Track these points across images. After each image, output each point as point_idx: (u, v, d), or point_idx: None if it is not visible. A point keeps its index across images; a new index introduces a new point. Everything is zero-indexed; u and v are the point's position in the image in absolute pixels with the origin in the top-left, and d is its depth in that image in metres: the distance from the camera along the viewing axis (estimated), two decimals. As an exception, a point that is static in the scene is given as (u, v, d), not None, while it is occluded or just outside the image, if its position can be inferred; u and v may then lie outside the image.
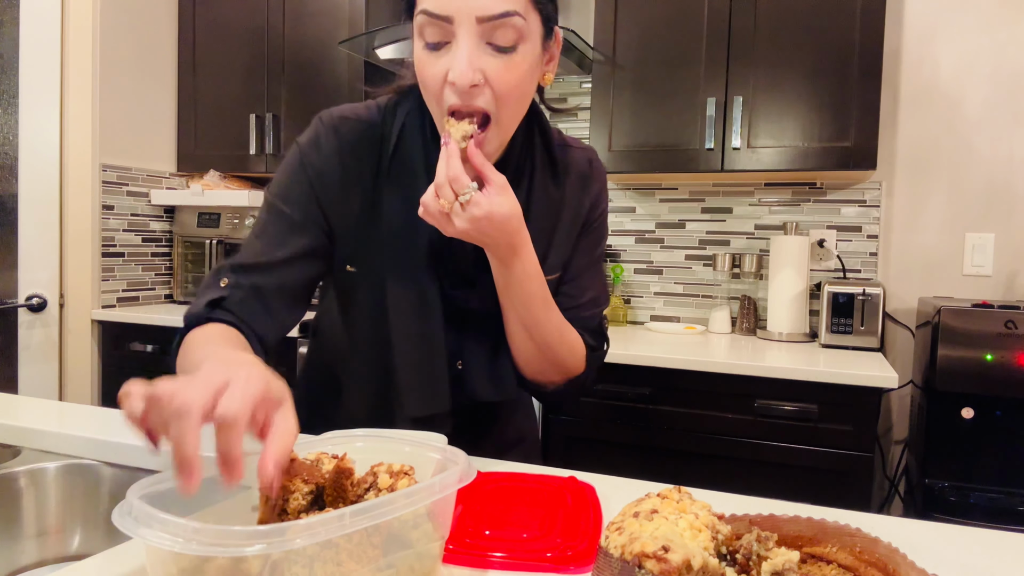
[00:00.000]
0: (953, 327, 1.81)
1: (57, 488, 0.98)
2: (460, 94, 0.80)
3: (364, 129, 0.94)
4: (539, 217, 0.95)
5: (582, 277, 1.03)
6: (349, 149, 0.93)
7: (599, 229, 1.05)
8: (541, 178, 0.96)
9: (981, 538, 0.73)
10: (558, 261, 1.00)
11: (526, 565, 0.65)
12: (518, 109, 0.85)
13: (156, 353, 2.48)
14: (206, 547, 0.46)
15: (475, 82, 0.79)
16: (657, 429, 1.94)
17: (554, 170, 0.98)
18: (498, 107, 0.82)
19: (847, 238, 2.38)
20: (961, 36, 2.24)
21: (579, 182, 1.01)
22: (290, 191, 0.93)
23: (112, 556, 0.65)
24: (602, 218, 1.06)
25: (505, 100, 0.82)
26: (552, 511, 0.75)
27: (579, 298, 1.02)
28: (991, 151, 2.23)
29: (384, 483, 0.58)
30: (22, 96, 2.45)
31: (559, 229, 0.99)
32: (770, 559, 0.47)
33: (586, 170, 1.02)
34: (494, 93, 0.81)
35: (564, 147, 1.01)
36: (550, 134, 0.99)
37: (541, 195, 0.96)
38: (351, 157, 0.93)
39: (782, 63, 2.09)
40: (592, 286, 1.04)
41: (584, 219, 1.02)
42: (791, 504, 0.79)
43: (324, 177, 0.92)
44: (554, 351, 0.96)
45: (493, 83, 0.81)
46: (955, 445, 1.84)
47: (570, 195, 1.00)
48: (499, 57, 0.81)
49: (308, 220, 0.92)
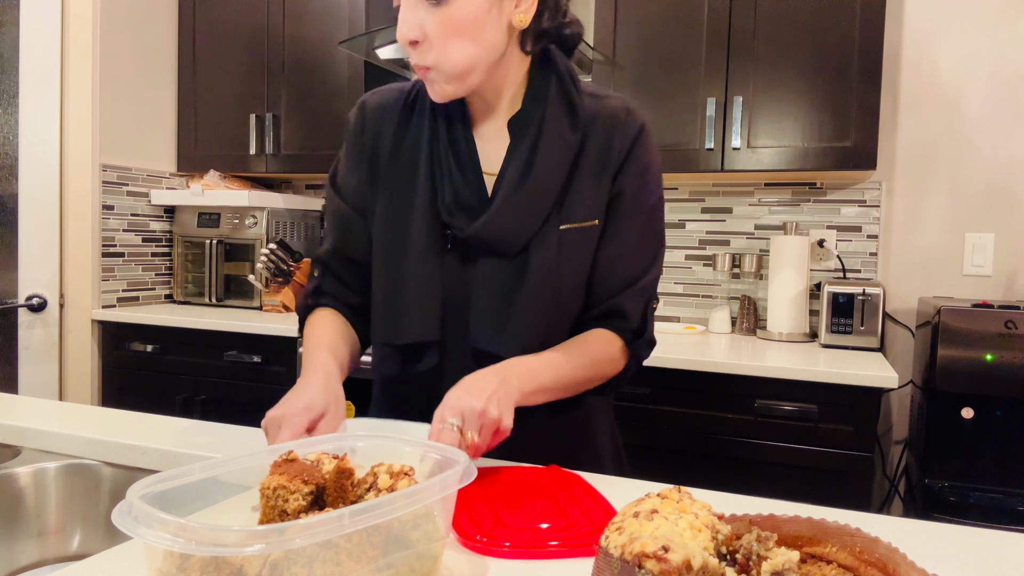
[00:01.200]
0: (953, 327, 1.81)
1: (57, 488, 0.98)
2: (410, 53, 0.88)
3: (395, 92, 1.04)
4: (549, 162, 0.95)
5: (621, 232, 0.99)
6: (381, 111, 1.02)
7: (641, 177, 1.00)
8: (555, 123, 0.96)
9: (981, 538, 0.73)
10: (587, 208, 0.97)
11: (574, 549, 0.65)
12: (465, 53, 0.88)
13: (156, 353, 2.48)
14: (206, 547, 0.46)
15: (412, 39, 0.86)
16: (657, 429, 1.94)
17: (573, 116, 0.97)
18: (439, 57, 0.88)
19: (847, 238, 2.38)
20: (961, 36, 2.24)
21: (608, 128, 0.98)
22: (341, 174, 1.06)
23: (112, 556, 0.65)
24: (645, 167, 1.00)
25: (446, 51, 0.87)
26: (561, 499, 0.75)
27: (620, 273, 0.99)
28: (991, 151, 2.23)
29: (384, 483, 0.58)
30: (22, 96, 2.46)
31: (580, 175, 0.97)
32: (770, 559, 0.47)
33: (621, 117, 0.99)
34: (434, 48, 0.87)
35: (596, 97, 1.00)
36: (568, 81, 0.98)
37: (553, 140, 0.95)
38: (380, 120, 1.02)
39: (782, 63, 2.09)
40: (634, 249, 1.00)
41: (618, 164, 0.98)
42: (791, 504, 0.79)
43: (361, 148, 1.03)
44: (589, 383, 1.00)
45: (431, 38, 0.86)
46: (955, 445, 1.84)
47: (594, 141, 0.98)
48: (433, 11, 0.86)
49: (358, 198, 1.04)
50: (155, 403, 2.47)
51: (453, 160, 0.96)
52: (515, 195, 0.94)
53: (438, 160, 0.97)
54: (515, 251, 0.95)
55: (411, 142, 0.99)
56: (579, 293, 1.00)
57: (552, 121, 0.95)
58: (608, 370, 1.00)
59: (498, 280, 0.96)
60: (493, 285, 0.96)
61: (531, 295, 0.94)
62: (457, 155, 0.97)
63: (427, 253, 0.96)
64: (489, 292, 0.96)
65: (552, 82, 0.97)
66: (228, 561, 0.48)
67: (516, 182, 0.94)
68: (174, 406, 2.43)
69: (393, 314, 0.98)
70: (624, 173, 0.99)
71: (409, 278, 0.97)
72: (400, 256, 0.98)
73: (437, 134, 0.98)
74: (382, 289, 1.00)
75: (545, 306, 0.96)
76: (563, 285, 0.97)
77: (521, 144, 0.95)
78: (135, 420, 1.10)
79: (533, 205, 0.94)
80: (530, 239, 0.95)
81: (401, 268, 0.97)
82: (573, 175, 0.97)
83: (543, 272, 0.95)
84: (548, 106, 0.96)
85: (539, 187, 0.94)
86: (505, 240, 0.95)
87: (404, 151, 0.99)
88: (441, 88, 0.91)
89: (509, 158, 0.96)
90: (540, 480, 0.85)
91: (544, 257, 0.95)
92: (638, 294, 1.00)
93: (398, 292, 0.98)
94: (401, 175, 0.99)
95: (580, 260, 0.98)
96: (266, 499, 0.57)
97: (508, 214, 0.94)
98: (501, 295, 0.96)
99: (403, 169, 0.99)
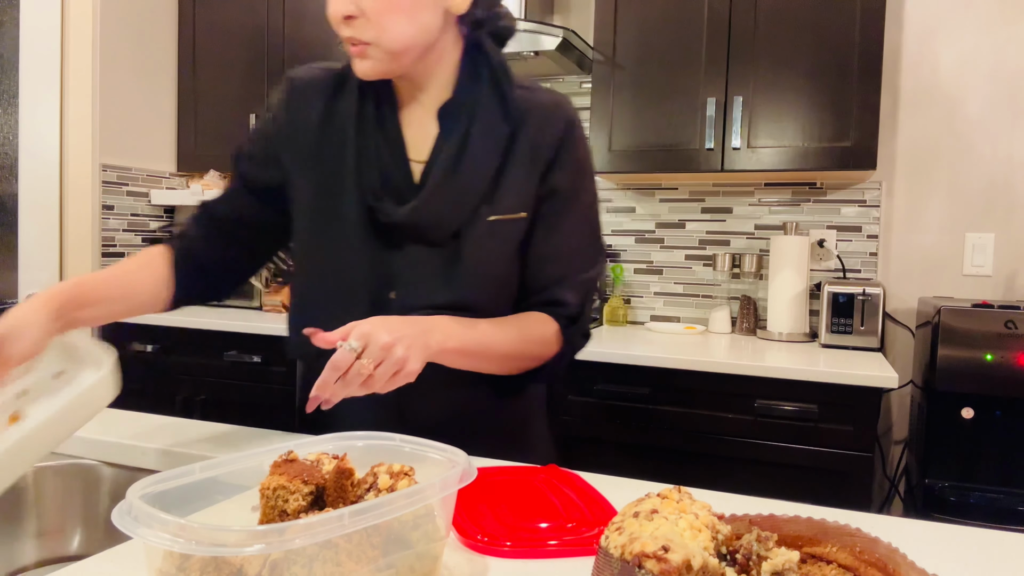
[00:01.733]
0: (953, 327, 1.81)
1: (57, 488, 0.98)
2: (343, 28, 0.88)
3: (323, 70, 1.01)
4: (481, 153, 0.95)
5: (561, 230, 1.00)
6: (309, 89, 1.00)
7: (576, 173, 1.01)
8: (486, 114, 0.96)
9: (981, 538, 0.73)
10: (516, 200, 0.98)
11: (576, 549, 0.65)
12: (402, 30, 0.88)
13: (156, 353, 2.48)
14: (206, 547, 0.46)
15: (345, 14, 0.86)
16: (657, 429, 1.94)
17: (504, 107, 0.96)
18: (377, 34, 0.87)
19: (847, 238, 2.38)
20: (961, 36, 2.24)
21: (539, 122, 0.98)
22: (247, 145, 1.05)
23: (112, 556, 0.65)
24: (579, 163, 1.02)
25: (383, 27, 0.87)
26: (560, 498, 0.75)
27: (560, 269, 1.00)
28: (991, 151, 2.23)
29: (384, 484, 0.58)
30: (22, 96, 2.45)
31: (510, 166, 0.97)
32: (770, 559, 0.47)
33: (551, 111, 0.99)
34: (371, 23, 0.87)
35: (527, 89, 1.00)
36: (500, 72, 0.97)
37: (485, 130, 0.95)
38: (308, 97, 1.00)
39: (782, 63, 2.09)
40: (575, 247, 1.02)
41: (549, 159, 0.99)
42: (791, 504, 0.79)
43: (280, 125, 1.01)
44: (518, 360, 0.98)
45: (366, 13, 0.86)
46: (955, 445, 1.84)
47: (526, 133, 0.98)
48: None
49: (256, 171, 1.03)
50: (155, 403, 2.47)
51: (380, 142, 0.96)
52: (446, 183, 0.94)
53: (364, 141, 0.96)
54: (442, 239, 0.95)
55: (339, 122, 0.98)
56: (508, 284, 1.01)
57: (484, 111, 0.95)
58: (539, 351, 0.99)
59: (428, 268, 0.96)
60: (422, 273, 0.96)
61: (464, 285, 0.95)
62: (384, 137, 0.96)
63: (357, 238, 0.96)
64: (418, 280, 0.96)
65: (484, 72, 0.97)
66: (228, 561, 0.48)
67: (447, 170, 0.94)
68: (174, 406, 2.43)
69: (319, 299, 0.98)
70: (558, 169, 0.99)
71: (338, 263, 0.96)
72: (328, 240, 0.97)
73: (365, 114, 0.97)
74: (308, 274, 0.99)
75: (477, 296, 0.96)
76: (494, 275, 0.98)
77: (452, 133, 0.95)
78: (135, 420, 1.10)
79: (464, 194, 0.94)
80: (459, 228, 0.95)
81: (330, 253, 0.97)
82: (504, 166, 0.97)
83: (475, 262, 0.95)
84: (480, 96, 0.96)
85: (470, 176, 0.94)
86: (434, 228, 0.94)
87: (332, 131, 0.98)
88: (374, 65, 0.90)
89: (440, 146, 0.95)
90: (540, 480, 0.85)
91: (476, 247, 0.95)
92: (579, 287, 1.02)
93: (326, 277, 0.97)
94: (329, 155, 0.97)
95: (508, 251, 0.99)
96: (266, 499, 0.57)
97: (438, 201, 0.94)
98: (431, 283, 0.95)
99: (331, 149, 0.97)
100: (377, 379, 0.79)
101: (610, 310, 2.52)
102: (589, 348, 1.97)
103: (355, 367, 0.77)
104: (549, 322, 1.00)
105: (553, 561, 0.66)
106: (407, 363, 0.80)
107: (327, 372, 0.77)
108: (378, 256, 0.96)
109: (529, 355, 0.98)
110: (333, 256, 0.97)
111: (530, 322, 0.99)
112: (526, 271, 1.01)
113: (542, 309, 1.01)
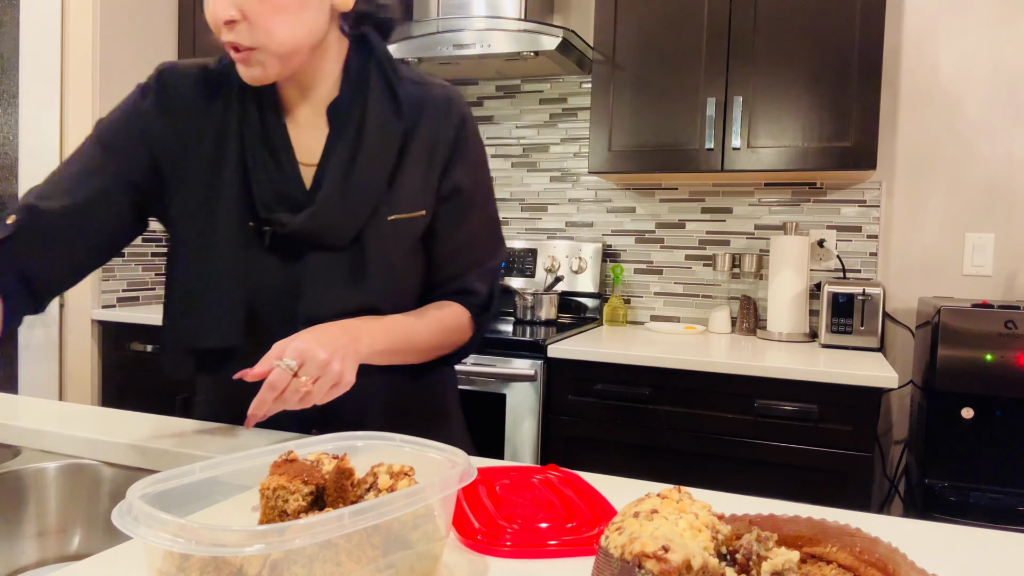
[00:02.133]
0: (953, 327, 1.81)
1: (57, 488, 0.98)
2: (224, 32, 0.83)
3: (194, 70, 0.96)
4: (375, 152, 0.93)
5: (465, 225, 1.01)
6: (176, 89, 0.94)
7: (474, 169, 1.02)
8: (377, 112, 0.94)
9: (981, 538, 0.73)
10: (415, 198, 0.97)
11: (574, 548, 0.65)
12: (288, 33, 0.84)
13: (156, 353, 2.48)
14: (205, 547, 0.46)
15: (227, 18, 0.81)
16: (657, 429, 1.94)
17: (395, 104, 0.95)
18: (262, 38, 0.83)
19: (847, 238, 2.38)
20: (961, 36, 2.24)
21: (433, 119, 0.97)
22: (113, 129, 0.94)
23: (112, 556, 0.65)
24: (476, 159, 1.02)
25: (268, 31, 0.83)
26: (560, 498, 0.75)
27: (467, 261, 1.03)
28: (991, 151, 2.23)
29: (384, 484, 0.58)
30: (22, 96, 2.46)
31: (407, 165, 0.96)
32: (770, 559, 0.47)
33: (444, 107, 0.98)
34: (255, 27, 0.82)
35: (418, 84, 0.98)
36: (387, 66, 0.96)
37: (377, 130, 0.93)
38: (178, 97, 0.94)
39: (782, 63, 2.09)
40: (478, 239, 1.04)
41: (446, 157, 0.99)
42: (791, 504, 0.79)
43: (151, 121, 0.94)
44: (437, 350, 1.01)
45: (249, 17, 0.82)
46: (955, 445, 1.84)
47: (421, 131, 0.96)
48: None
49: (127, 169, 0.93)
50: (155, 403, 2.47)
51: (267, 150, 0.92)
52: (341, 186, 0.91)
53: (249, 150, 0.92)
54: (344, 244, 0.93)
55: (216, 128, 0.93)
56: (412, 280, 1.02)
57: (374, 110, 0.93)
58: (455, 338, 1.03)
59: (333, 275, 0.94)
60: (328, 280, 0.94)
61: (371, 287, 0.94)
62: (270, 145, 0.92)
63: (233, 250, 0.92)
64: (323, 287, 0.94)
65: (371, 68, 0.95)
66: (228, 561, 0.48)
67: (342, 173, 0.92)
68: (174, 406, 2.43)
69: (191, 315, 0.93)
70: (457, 167, 0.99)
71: (214, 277, 0.92)
72: (204, 252, 0.92)
73: (247, 121, 0.92)
74: (182, 287, 0.94)
75: (385, 298, 0.96)
76: (399, 275, 0.98)
77: (343, 133, 0.93)
78: (135, 420, 1.10)
79: (361, 197, 0.92)
80: (359, 231, 0.93)
81: (204, 265, 0.92)
82: (400, 165, 0.95)
83: (380, 263, 0.95)
84: (369, 92, 0.93)
85: (366, 178, 0.92)
86: (333, 233, 0.92)
87: (207, 137, 0.92)
88: (263, 72, 0.86)
89: (331, 147, 0.93)
90: (540, 480, 0.85)
91: (380, 247, 0.94)
92: (486, 276, 1.05)
93: (200, 292, 0.92)
94: (204, 164, 0.92)
95: (410, 249, 0.99)
96: (266, 500, 0.57)
97: (335, 206, 0.91)
98: (338, 290, 0.94)
99: (207, 157, 0.92)
100: (315, 394, 0.80)
101: (610, 310, 2.52)
102: (589, 348, 1.98)
103: (293, 385, 0.78)
104: (462, 311, 1.03)
105: (553, 561, 0.66)
106: (344, 375, 0.82)
107: (265, 391, 0.78)
108: (273, 266, 0.94)
109: (447, 344, 1.02)
110: (213, 269, 0.92)
111: (445, 313, 1.02)
112: (432, 265, 1.03)
113: (451, 298, 1.04)
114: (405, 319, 0.96)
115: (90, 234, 0.92)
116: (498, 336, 2.12)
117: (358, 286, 0.94)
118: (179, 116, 0.94)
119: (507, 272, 2.67)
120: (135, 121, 0.94)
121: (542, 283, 2.60)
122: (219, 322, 0.92)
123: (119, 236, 0.96)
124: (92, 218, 0.91)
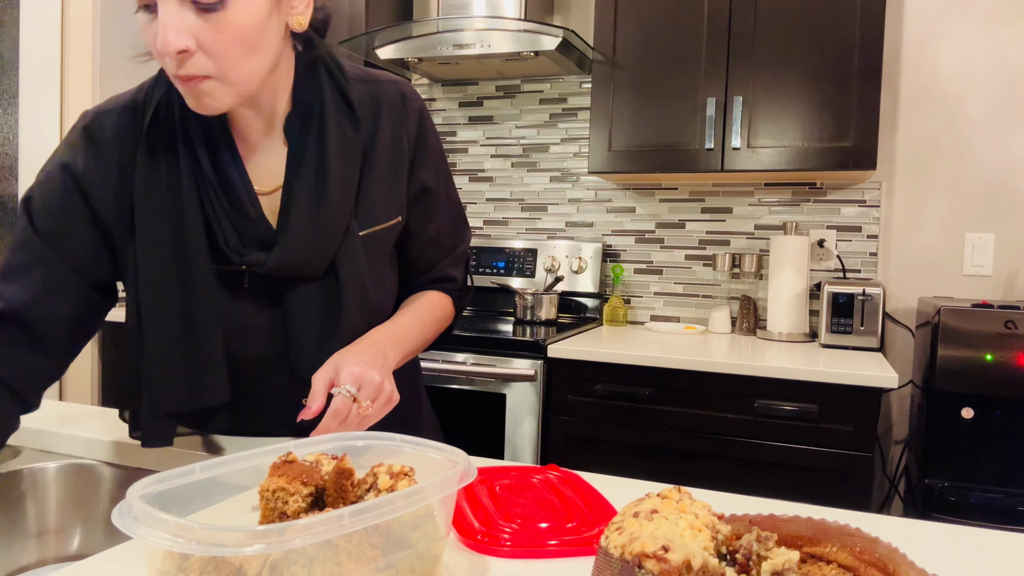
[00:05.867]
0: (953, 327, 1.81)
1: (57, 488, 0.98)
2: (175, 65, 0.75)
3: (121, 115, 0.89)
4: (339, 166, 0.89)
5: (435, 220, 1.03)
6: (109, 142, 0.88)
7: (437, 164, 1.02)
8: (335, 124, 0.89)
9: (981, 538, 0.73)
10: (386, 207, 0.95)
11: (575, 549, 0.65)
12: (249, 63, 0.78)
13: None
14: (205, 547, 0.46)
15: (181, 48, 0.74)
16: (657, 429, 1.94)
17: (350, 111, 0.91)
18: (221, 68, 0.76)
19: (847, 238, 2.38)
20: (961, 36, 2.24)
21: (392, 121, 0.95)
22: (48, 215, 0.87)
23: (112, 556, 0.65)
24: (436, 154, 1.02)
25: (227, 59, 0.76)
26: (560, 499, 0.75)
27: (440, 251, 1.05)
28: (991, 151, 2.23)
29: (384, 484, 0.58)
30: (22, 96, 2.46)
31: (372, 175, 0.93)
32: (770, 559, 0.47)
33: (400, 104, 0.96)
34: (210, 56, 0.75)
35: (366, 82, 0.95)
36: (339, 76, 0.91)
37: (337, 143, 0.89)
38: (113, 151, 0.87)
39: (782, 63, 2.09)
40: (447, 229, 1.06)
41: (411, 157, 0.97)
42: (791, 504, 0.79)
43: (89, 179, 0.87)
44: (432, 339, 1.06)
45: (206, 48, 0.75)
46: (955, 445, 1.84)
47: (382, 137, 0.94)
48: (205, 17, 0.74)
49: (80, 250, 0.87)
50: (155, 403, 2.47)
51: (227, 199, 0.86)
52: (310, 214, 0.88)
53: (207, 200, 0.86)
54: (322, 270, 0.90)
55: (164, 179, 0.86)
56: (391, 288, 1.02)
57: (332, 125, 0.89)
58: (445, 325, 1.08)
59: (315, 303, 0.91)
60: (311, 309, 0.91)
61: (351, 312, 0.91)
62: (229, 192, 0.86)
63: (211, 298, 0.87)
64: (308, 317, 0.91)
65: (320, 72, 0.90)
66: (228, 561, 0.48)
67: (309, 199, 0.88)
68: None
69: (174, 378, 0.87)
70: (420, 166, 0.99)
71: (195, 330, 0.87)
72: (178, 306, 0.87)
73: (199, 165, 0.86)
74: (158, 348, 0.87)
75: (364, 317, 0.94)
76: (376, 289, 0.96)
77: (304, 152, 0.88)
78: (135, 420, 1.09)
79: (331, 221, 0.89)
80: (334, 255, 0.90)
81: (181, 322, 0.87)
82: (364, 177, 0.92)
83: (356, 286, 0.92)
84: (324, 105, 0.89)
85: (334, 202, 0.89)
86: (309, 263, 0.89)
87: (157, 191, 0.86)
88: (221, 101, 0.79)
89: (294, 170, 0.88)
90: (540, 480, 0.85)
91: (353, 271, 0.91)
92: (459, 260, 1.09)
93: (182, 350, 0.87)
94: (162, 214, 0.86)
95: (384, 257, 0.98)
96: (265, 501, 0.57)
97: (306, 237, 0.87)
98: (322, 318, 0.91)
99: (160, 213, 0.86)
100: (374, 416, 0.80)
101: (610, 310, 2.52)
102: (589, 348, 1.98)
103: (355, 411, 0.78)
104: (445, 298, 1.08)
105: (553, 561, 0.66)
106: (393, 394, 0.83)
107: (329, 420, 0.76)
108: (259, 305, 0.91)
109: (439, 332, 1.07)
110: (197, 330, 0.87)
111: (435, 305, 1.05)
112: (406, 260, 1.04)
113: (431, 287, 1.07)
114: (411, 322, 0.98)
115: (54, 326, 0.87)
116: (498, 336, 2.12)
117: (339, 312, 0.91)
118: (117, 169, 0.87)
119: (507, 272, 2.67)
120: (69, 195, 0.87)
121: (542, 283, 2.60)
122: (208, 380, 0.88)
123: (89, 317, 0.92)
124: (51, 310, 0.86)
